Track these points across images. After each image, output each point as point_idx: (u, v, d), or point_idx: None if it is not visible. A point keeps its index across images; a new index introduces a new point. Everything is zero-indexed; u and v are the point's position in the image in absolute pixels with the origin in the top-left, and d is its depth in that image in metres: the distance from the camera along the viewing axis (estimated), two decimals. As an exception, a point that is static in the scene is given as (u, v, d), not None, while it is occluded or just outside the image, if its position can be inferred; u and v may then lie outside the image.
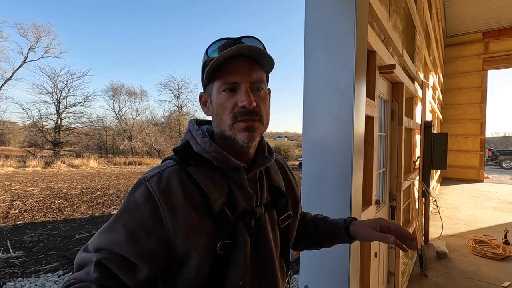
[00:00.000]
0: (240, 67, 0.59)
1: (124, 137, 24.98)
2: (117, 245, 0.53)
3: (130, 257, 0.53)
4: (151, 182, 0.57)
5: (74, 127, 23.24)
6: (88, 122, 23.81)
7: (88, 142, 24.28)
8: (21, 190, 8.65)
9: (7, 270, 3.54)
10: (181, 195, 0.57)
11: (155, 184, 0.57)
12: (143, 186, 0.57)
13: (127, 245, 0.53)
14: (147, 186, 0.57)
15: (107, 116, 28.17)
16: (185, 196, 0.57)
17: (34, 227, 5.33)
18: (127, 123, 26.22)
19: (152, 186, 0.56)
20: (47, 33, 21.70)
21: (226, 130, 0.61)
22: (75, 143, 23.19)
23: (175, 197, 0.56)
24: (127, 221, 0.55)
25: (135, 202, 0.56)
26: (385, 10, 2.00)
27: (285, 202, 0.74)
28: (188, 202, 0.57)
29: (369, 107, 1.44)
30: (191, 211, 0.57)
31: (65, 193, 8.46)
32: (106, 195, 8.36)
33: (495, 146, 29.38)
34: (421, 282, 2.89)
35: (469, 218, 5.10)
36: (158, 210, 0.55)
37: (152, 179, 0.58)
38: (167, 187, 0.57)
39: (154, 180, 0.57)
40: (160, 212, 0.55)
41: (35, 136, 22.75)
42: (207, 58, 0.62)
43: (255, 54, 0.60)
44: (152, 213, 0.55)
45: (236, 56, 0.59)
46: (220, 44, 0.61)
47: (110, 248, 0.54)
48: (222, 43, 0.61)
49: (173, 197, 0.56)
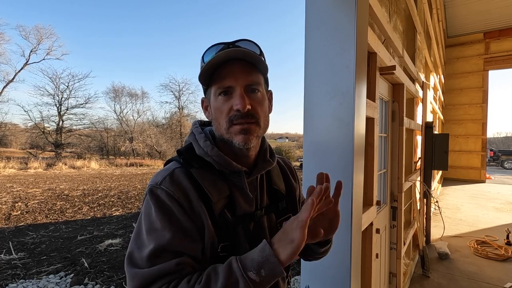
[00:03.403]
0: (234, 70, 0.60)
1: (125, 139, 25.00)
2: (175, 243, 0.55)
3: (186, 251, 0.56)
4: (165, 184, 0.59)
5: (76, 129, 23.30)
6: (90, 123, 23.86)
7: (89, 143, 24.32)
8: (23, 192, 8.67)
9: (9, 271, 3.55)
10: (193, 192, 0.59)
11: (170, 186, 0.59)
12: (159, 190, 0.59)
13: (182, 240, 0.56)
14: (162, 189, 0.58)
15: (108, 118, 28.22)
16: (196, 194, 0.59)
17: (36, 229, 5.34)
18: (128, 125, 26.24)
19: (168, 188, 0.58)
20: (49, 35, 21.76)
21: (224, 133, 0.62)
22: (76, 144, 23.22)
23: (190, 195, 0.59)
24: (167, 220, 0.56)
25: (163, 206, 0.57)
26: (385, 11, 2.00)
27: (286, 204, 0.74)
28: (199, 199, 0.59)
29: (370, 108, 1.44)
30: (203, 207, 0.59)
31: (67, 195, 8.47)
32: (107, 197, 8.37)
33: (497, 147, 29.27)
34: (423, 283, 2.88)
35: (471, 219, 5.08)
36: (182, 207, 0.58)
37: (164, 182, 0.59)
38: (181, 186, 0.59)
39: (167, 182, 0.59)
40: (185, 209, 0.58)
41: (36, 138, 22.81)
42: (203, 64, 0.62)
43: (248, 57, 0.60)
44: (181, 208, 0.57)
45: (229, 60, 0.60)
46: (215, 49, 0.62)
47: (171, 247, 0.55)
48: (216, 48, 0.62)
49: (188, 194, 0.59)
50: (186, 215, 0.57)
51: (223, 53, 0.58)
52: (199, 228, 0.58)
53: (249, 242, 0.63)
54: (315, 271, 1.22)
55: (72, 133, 23.07)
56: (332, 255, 1.16)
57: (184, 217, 0.57)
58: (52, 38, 22.22)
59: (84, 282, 3.26)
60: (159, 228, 0.55)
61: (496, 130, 62.55)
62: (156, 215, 0.57)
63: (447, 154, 3.62)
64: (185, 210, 0.57)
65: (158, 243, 0.54)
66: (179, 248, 0.55)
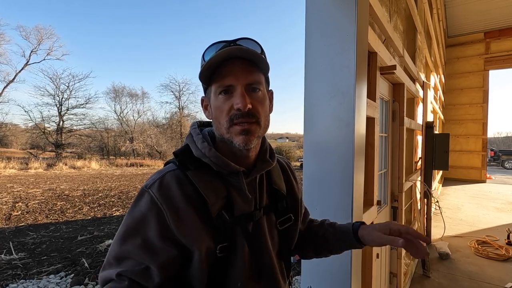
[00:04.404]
0: (235, 69, 0.59)
1: (125, 139, 25.01)
2: (133, 253, 0.56)
3: (148, 263, 0.55)
4: (153, 189, 0.59)
5: (76, 129, 23.30)
6: (90, 124, 23.86)
7: (89, 143, 24.31)
8: (23, 192, 8.68)
9: (10, 272, 3.55)
10: (181, 199, 0.58)
11: (157, 191, 0.58)
12: (145, 193, 0.59)
13: (142, 252, 0.55)
14: (149, 193, 0.58)
15: (108, 118, 28.22)
16: (186, 200, 0.58)
17: (37, 229, 5.35)
18: (129, 125, 26.25)
19: (154, 192, 0.58)
20: (49, 35, 21.76)
21: (224, 133, 0.61)
22: (77, 145, 23.22)
23: (177, 201, 0.58)
24: (138, 230, 0.57)
25: (141, 210, 0.58)
26: (386, 11, 2.00)
27: (286, 204, 0.74)
28: (189, 205, 0.58)
29: (370, 108, 1.44)
30: (192, 214, 0.58)
31: (67, 195, 8.48)
32: (108, 197, 8.38)
33: (498, 146, 29.22)
34: (424, 283, 2.88)
35: (472, 219, 5.07)
36: (162, 215, 0.57)
37: (153, 186, 0.59)
38: (168, 192, 0.58)
39: (155, 187, 0.59)
40: (165, 217, 0.57)
41: (37, 138, 22.82)
42: (204, 62, 0.62)
43: (248, 55, 0.60)
44: (158, 218, 0.57)
45: (230, 58, 0.59)
46: (215, 48, 0.62)
47: (128, 256, 0.56)
48: (217, 47, 0.62)
49: (175, 201, 0.58)
50: (161, 225, 0.56)
51: (224, 51, 0.58)
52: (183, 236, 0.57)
53: (247, 243, 0.63)
54: (316, 271, 1.22)
55: (73, 133, 23.08)
56: (333, 255, 1.15)
57: (157, 226, 0.56)
58: (52, 39, 22.22)
59: (84, 282, 3.26)
60: (127, 231, 0.58)
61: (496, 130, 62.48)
62: (129, 217, 0.58)
63: (447, 154, 3.62)
64: (164, 218, 0.56)
65: (120, 246, 0.57)
66: (134, 256, 0.56)
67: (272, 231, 0.70)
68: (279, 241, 0.71)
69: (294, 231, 0.76)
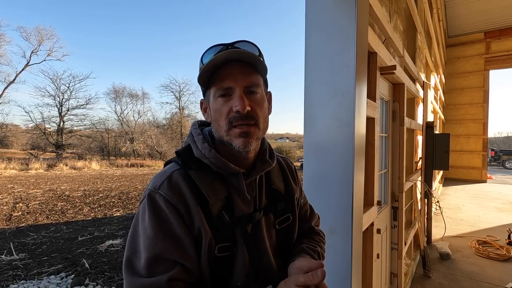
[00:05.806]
0: (234, 72, 0.60)
1: (126, 139, 25.02)
2: (169, 254, 0.56)
3: (183, 261, 0.56)
4: (163, 189, 0.59)
5: (77, 130, 23.34)
6: (90, 124, 23.91)
7: (90, 144, 24.33)
8: (24, 193, 8.68)
9: (10, 272, 3.55)
10: (190, 196, 0.59)
11: (168, 190, 0.59)
12: (157, 195, 0.59)
13: (176, 252, 0.56)
14: (160, 194, 0.59)
15: (109, 119, 28.38)
16: (193, 197, 0.59)
17: (37, 230, 5.35)
18: (129, 125, 26.27)
19: (166, 192, 0.58)
20: (50, 36, 21.80)
21: (223, 135, 0.61)
22: (77, 145, 23.25)
23: (187, 198, 0.59)
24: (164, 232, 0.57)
25: (159, 212, 0.58)
26: (386, 11, 2.00)
27: (285, 204, 0.74)
28: (197, 203, 0.59)
29: (370, 108, 1.44)
30: (199, 211, 0.59)
31: (68, 196, 8.49)
32: (108, 197, 8.38)
33: (498, 146, 29.20)
34: (424, 283, 2.87)
35: (472, 219, 5.07)
36: (179, 213, 0.58)
37: (163, 187, 0.59)
38: (179, 190, 0.59)
39: (165, 187, 0.59)
40: (181, 214, 0.58)
41: (37, 139, 22.85)
42: (202, 65, 0.62)
43: (247, 58, 0.60)
44: (177, 216, 0.58)
45: (228, 61, 0.60)
46: (213, 51, 0.62)
47: (164, 258, 0.55)
48: (215, 50, 0.62)
49: (185, 198, 0.59)
50: (181, 222, 0.57)
51: (222, 54, 0.58)
52: (195, 233, 0.58)
53: (246, 244, 0.63)
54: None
55: (73, 134, 23.12)
56: (333, 255, 1.15)
57: (180, 223, 0.57)
58: (52, 39, 22.27)
59: (85, 282, 3.27)
60: (152, 236, 0.56)
61: (497, 130, 62.49)
62: (151, 221, 0.57)
63: (448, 154, 3.62)
64: (182, 216, 0.58)
65: (152, 251, 0.55)
66: (171, 256, 0.55)
67: (270, 231, 0.70)
68: (277, 240, 0.72)
69: (293, 230, 0.76)
